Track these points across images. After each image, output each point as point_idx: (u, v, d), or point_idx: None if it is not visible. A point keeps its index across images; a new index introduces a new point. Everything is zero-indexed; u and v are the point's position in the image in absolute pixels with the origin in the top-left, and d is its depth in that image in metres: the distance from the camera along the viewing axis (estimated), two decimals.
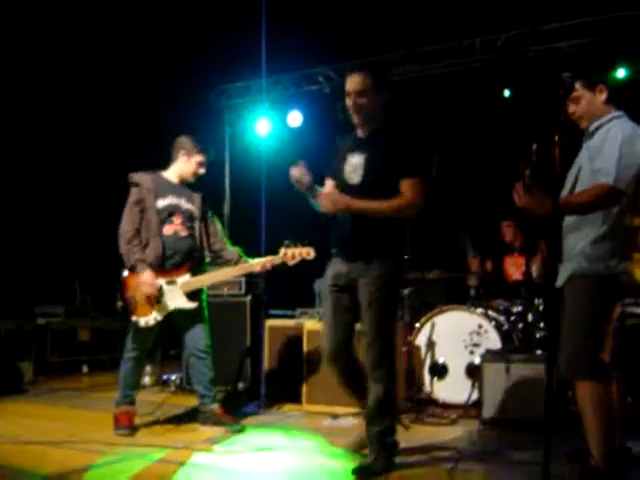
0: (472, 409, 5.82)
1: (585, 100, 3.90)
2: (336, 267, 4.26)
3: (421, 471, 4.05)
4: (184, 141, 5.44)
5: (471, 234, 7.36)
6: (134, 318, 5.13)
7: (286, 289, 7.55)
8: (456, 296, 7.00)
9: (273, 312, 7.37)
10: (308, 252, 5.20)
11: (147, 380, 7.59)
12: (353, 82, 4.18)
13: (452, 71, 8.96)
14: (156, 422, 5.51)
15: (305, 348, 6.17)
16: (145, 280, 5.05)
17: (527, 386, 5.29)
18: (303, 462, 4.33)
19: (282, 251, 5.20)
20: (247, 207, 9.95)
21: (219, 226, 5.63)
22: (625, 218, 3.73)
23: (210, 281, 5.43)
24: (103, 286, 5.47)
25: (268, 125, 10.18)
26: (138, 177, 5.29)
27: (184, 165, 5.42)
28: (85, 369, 9.10)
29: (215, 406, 5.35)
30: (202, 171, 5.48)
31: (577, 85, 3.88)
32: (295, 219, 9.20)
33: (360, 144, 4.29)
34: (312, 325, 6.25)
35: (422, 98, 9.26)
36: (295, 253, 5.17)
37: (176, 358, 8.31)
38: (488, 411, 5.41)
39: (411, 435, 5.12)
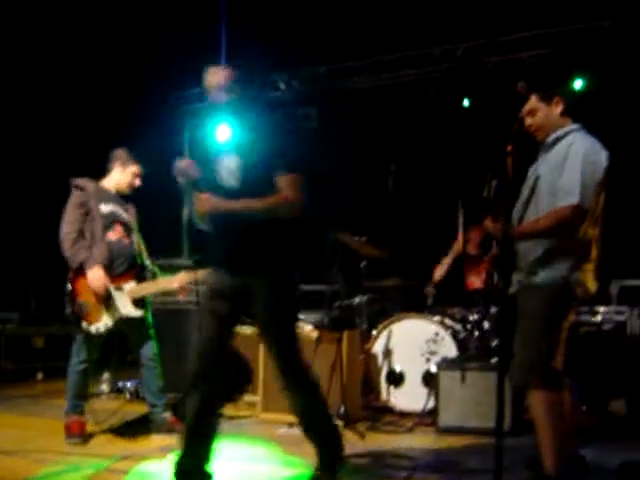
0: (428, 417, 5.81)
1: (542, 112, 3.92)
2: (219, 280, 3.92)
3: None
4: (119, 153, 5.47)
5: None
6: (85, 325, 5.06)
7: None
8: (414, 304, 7.02)
9: None
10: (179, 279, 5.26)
11: (104, 387, 7.52)
12: (211, 77, 4.13)
13: (412, 80, 9.02)
14: (110, 430, 5.43)
15: (261, 355, 6.12)
16: (95, 276, 5.02)
17: (482, 394, 5.32)
18: (256, 471, 4.30)
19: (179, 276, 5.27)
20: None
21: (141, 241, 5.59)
22: (582, 229, 3.76)
23: (155, 289, 5.42)
24: (57, 292, 5.40)
25: (228, 131, 10.13)
26: (82, 181, 5.27)
27: (120, 176, 5.45)
28: (40, 376, 8.98)
29: (167, 414, 5.33)
30: (137, 182, 5.50)
31: (533, 98, 3.91)
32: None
33: (233, 146, 4.13)
34: None
35: (381, 107, 9.30)
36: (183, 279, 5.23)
37: (133, 365, 8.21)
38: (444, 419, 5.44)
39: (367, 443, 5.12)
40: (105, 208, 5.24)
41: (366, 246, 6.33)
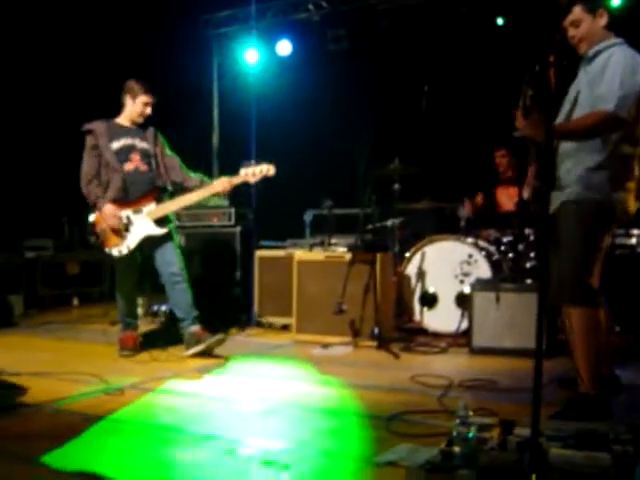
0: (461, 338, 5.85)
1: (585, 24, 3.81)
2: None
3: (411, 398, 4.06)
4: (128, 85, 5.65)
5: (464, 183, 7.30)
6: (107, 249, 5.42)
7: (276, 220, 7.53)
8: (447, 226, 6.97)
9: (264, 243, 7.36)
10: (268, 169, 5.40)
11: (138, 311, 7.59)
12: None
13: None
14: (146, 352, 5.51)
15: (295, 278, 6.15)
16: (107, 213, 5.34)
17: (517, 315, 5.32)
18: (293, 389, 4.34)
19: (242, 171, 5.39)
20: (236, 137, 9.87)
21: (177, 158, 5.77)
22: (623, 147, 3.68)
23: (176, 207, 5.61)
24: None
25: (257, 55, 10.02)
26: (90, 125, 5.57)
27: (131, 107, 5.64)
28: (75, 302, 9.12)
29: (196, 327, 5.43)
30: (148, 111, 5.65)
31: (577, 9, 3.79)
32: (284, 147, 9.14)
33: None
34: (302, 255, 6.24)
35: (413, 26, 9.09)
36: (255, 171, 5.36)
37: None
38: (477, 339, 5.44)
39: (401, 363, 5.17)
40: (116, 144, 5.53)
41: (399, 168, 6.28)
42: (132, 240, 5.39)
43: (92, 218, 5.43)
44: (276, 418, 3.67)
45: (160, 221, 5.43)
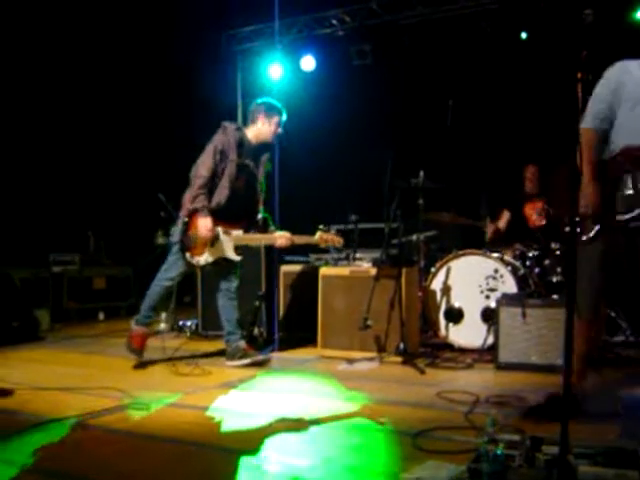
0: (487, 353, 5.81)
1: None
2: None
3: (438, 414, 4.04)
4: (263, 105, 5.83)
5: (488, 200, 7.25)
6: (188, 255, 5.57)
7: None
8: (472, 241, 6.95)
9: (288, 258, 7.37)
10: (339, 241, 5.84)
11: (163, 326, 7.64)
12: None
13: (468, 13, 8.79)
14: (172, 367, 5.52)
15: (320, 293, 6.15)
16: (204, 225, 5.45)
17: (543, 330, 5.28)
18: (318, 405, 4.33)
19: (318, 234, 5.75)
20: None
21: (263, 191, 5.94)
22: None
23: (257, 241, 6.00)
24: (116, 234, 5.56)
25: (281, 70, 10.06)
26: (229, 127, 5.69)
27: (264, 127, 5.79)
28: (101, 316, 9.17)
29: (242, 343, 5.70)
30: (279, 130, 5.85)
31: None
32: (309, 162, 9.16)
33: None
34: (327, 270, 6.24)
35: (436, 41, 9.10)
36: (328, 238, 5.76)
37: (190, 305, 8.34)
38: (504, 355, 5.40)
39: (426, 379, 5.14)
40: (239, 160, 5.64)
41: (423, 182, 6.28)
42: (212, 255, 5.60)
43: (186, 219, 5.52)
44: (302, 434, 3.66)
45: (237, 247, 5.68)
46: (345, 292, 6.05)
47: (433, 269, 6.41)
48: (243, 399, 4.53)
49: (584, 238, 3.64)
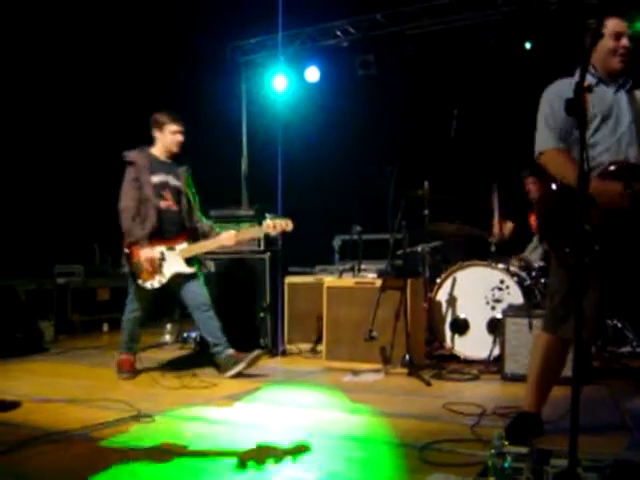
0: (493, 365, 5.77)
1: None
2: None
3: (444, 426, 4.02)
4: (153, 117, 5.84)
5: (500, 195, 7.20)
6: (140, 281, 5.62)
7: (305, 245, 7.53)
8: (477, 252, 6.92)
9: (292, 269, 7.36)
10: (288, 224, 5.64)
11: (168, 338, 7.64)
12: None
13: (472, 24, 8.81)
14: (176, 378, 5.51)
15: (325, 305, 6.14)
16: (146, 257, 5.52)
17: None
18: (323, 417, 4.31)
19: (265, 223, 5.64)
20: (265, 164, 9.90)
21: (196, 200, 5.99)
22: None
23: (203, 249, 5.83)
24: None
25: (285, 81, 10.08)
26: (132, 156, 5.71)
27: (162, 139, 5.82)
28: (106, 327, 9.15)
29: (230, 350, 5.63)
30: (179, 138, 5.82)
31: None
32: (313, 172, 9.15)
33: None
34: (332, 281, 6.23)
35: (441, 52, 9.12)
36: (276, 224, 5.60)
37: None
38: (510, 366, 5.37)
39: (432, 391, 5.11)
40: (156, 178, 5.70)
41: (429, 193, 6.27)
42: (164, 276, 5.61)
43: (127, 250, 5.60)
44: (307, 447, 3.63)
45: (189, 259, 5.69)
46: (350, 303, 6.02)
47: (438, 280, 6.39)
48: (248, 411, 4.51)
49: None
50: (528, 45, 8.72)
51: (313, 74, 9.90)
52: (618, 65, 3.64)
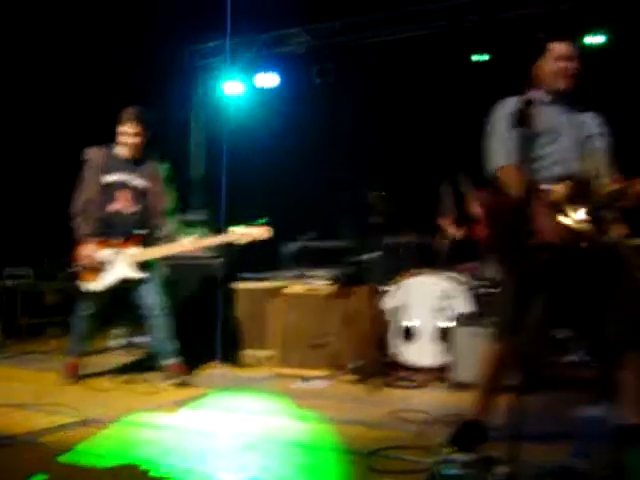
0: (442, 372, 5.82)
1: None
2: None
3: (391, 433, 4.05)
4: (121, 114, 5.58)
5: (453, 192, 7.23)
6: (81, 283, 5.53)
7: (257, 252, 7.51)
8: (427, 260, 6.98)
9: (245, 275, 7.35)
10: (262, 234, 5.41)
11: (117, 342, 7.55)
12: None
13: (429, 34, 8.91)
14: (125, 384, 5.49)
15: (276, 311, 6.14)
16: (85, 253, 5.44)
17: None
18: (271, 424, 4.31)
19: (233, 230, 5.41)
20: (218, 169, 9.89)
21: (166, 200, 5.72)
22: None
23: (158, 254, 5.59)
24: (70, 249, 5.52)
25: (242, 86, 10.09)
26: (89, 153, 5.59)
27: (120, 139, 5.59)
28: (54, 331, 9.00)
29: (172, 361, 5.53)
30: (130, 141, 5.56)
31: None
32: (267, 178, 9.15)
33: None
34: (283, 288, 6.23)
35: (401, 60, 9.20)
36: (248, 233, 5.37)
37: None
38: (457, 374, 5.43)
39: (380, 398, 5.15)
40: (110, 178, 5.53)
41: (381, 200, 6.30)
42: (108, 279, 5.48)
43: (74, 249, 5.49)
44: (254, 453, 3.64)
45: (144, 264, 5.51)
46: (301, 310, 6.04)
47: (388, 287, 6.43)
48: (196, 417, 4.49)
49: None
50: (479, 57, 8.83)
51: (271, 80, 9.91)
52: (564, 85, 3.78)
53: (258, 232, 5.38)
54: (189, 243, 5.55)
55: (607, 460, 2.96)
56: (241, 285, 6.98)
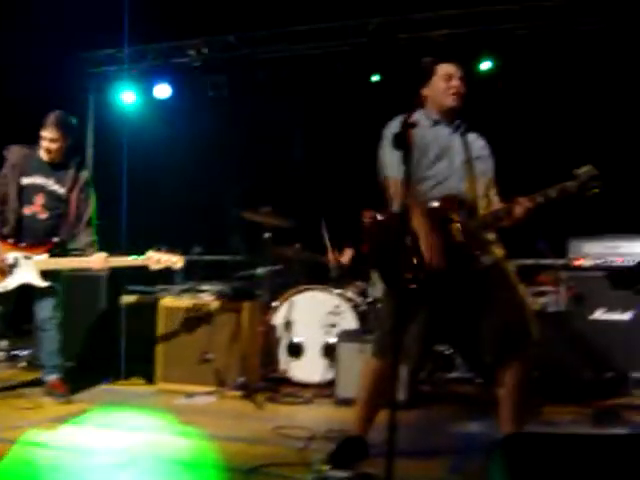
0: (327, 388, 5.86)
1: None
2: None
3: (273, 450, 4.05)
4: (44, 118, 5.38)
5: (329, 229, 7.33)
6: None
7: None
8: (318, 276, 7.03)
9: (134, 287, 7.21)
10: (176, 262, 5.24)
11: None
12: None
13: (322, 52, 9.00)
14: (3, 399, 5.30)
15: (161, 325, 6.05)
16: None
17: None
18: (152, 441, 4.25)
19: (147, 254, 5.19)
20: (110, 179, 9.71)
21: (88, 210, 5.52)
22: None
23: (66, 265, 5.43)
24: None
25: (134, 96, 9.96)
26: (9, 151, 5.40)
27: (42, 143, 5.39)
28: None
29: (54, 377, 5.39)
30: (50, 146, 5.39)
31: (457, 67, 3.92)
32: (159, 190, 9.04)
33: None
34: (168, 302, 6.14)
35: (294, 77, 9.26)
36: (161, 259, 5.18)
37: (29, 333, 8.01)
38: (342, 390, 5.47)
39: (265, 414, 5.14)
40: (27, 180, 5.35)
41: (270, 216, 6.31)
42: (12, 282, 5.27)
43: None
44: (133, 471, 3.58)
45: (48, 273, 5.31)
46: (186, 324, 5.96)
47: (276, 303, 6.44)
48: (75, 435, 4.38)
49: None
50: (376, 78, 8.97)
51: (164, 91, 9.81)
52: (451, 103, 3.89)
53: (173, 260, 5.22)
54: (100, 261, 5.24)
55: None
56: (128, 298, 6.84)
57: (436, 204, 3.71)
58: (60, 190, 5.43)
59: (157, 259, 5.17)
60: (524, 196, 3.56)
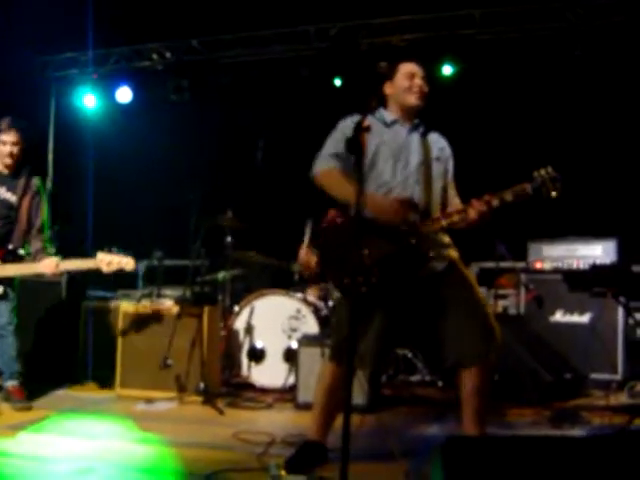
0: (288, 393, 5.86)
1: None
2: None
3: (232, 456, 4.03)
4: None
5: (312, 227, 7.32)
6: None
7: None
8: (281, 281, 7.02)
9: (94, 293, 7.16)
10: (128, 263, 5.01)
11: None
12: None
13: (285, 57, 9.01)
14: None
15: (120, 330, 6.01)
16: None
17: None
18: (110, 447, 4.21)
19: (99, 256, 4.97)
20: (71, 183, 9.64)
21: (41, 217, 5.45)
22: None
23: (17, 272, 5.31)
24: None
25: (95, 100, 9.89)
26: None
27: (3, 148, 5.30)
28: None
29: (13, 383, 5.34)
30: (12, 149, 5.32)
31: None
32: (120, 195, 8.97)
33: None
34: (128, 307, 6.11)
35: (254, 82, 9.25)
36: (113, 261, 4.95)
37: None
38: (303, 395, 5.46)
39: (225, 419, 5.13)
40: None
41: (232, 221, 6.30)
42: None
43: None
44: (91, 478, 3.55)
45: (1, 280, 5.23)
46: (146, 330, 5.93)
47: (237, 308, 6.42)
48: (32, 442, 4.32)
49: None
50: (338, 82, 8.99)
51: (125, 95, 9.74)
52: (414, 102, 3.86)
53: (125, 262, 5.01)
54: (51, 265, 5.09)
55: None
56: (88, 304, 6.79)
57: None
58: (12, 198, 5.37)
59: (108, 261, 4.95)
60: (479, 198, 3.57)
